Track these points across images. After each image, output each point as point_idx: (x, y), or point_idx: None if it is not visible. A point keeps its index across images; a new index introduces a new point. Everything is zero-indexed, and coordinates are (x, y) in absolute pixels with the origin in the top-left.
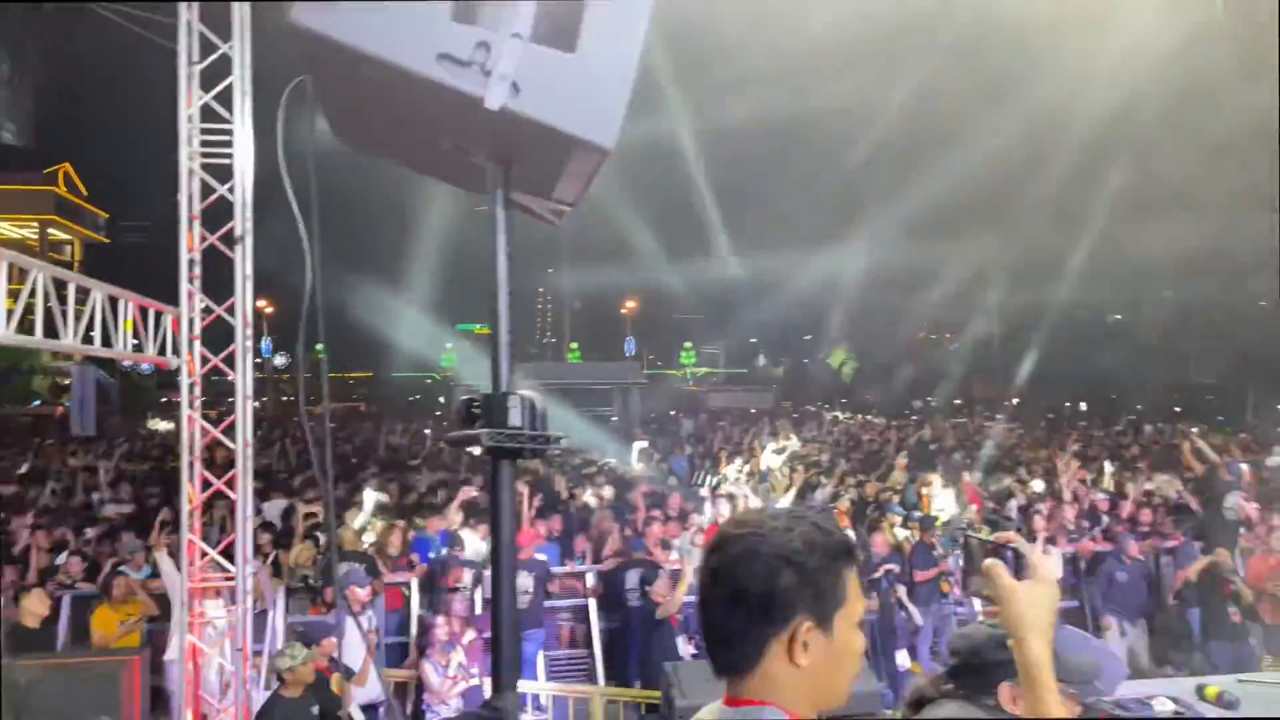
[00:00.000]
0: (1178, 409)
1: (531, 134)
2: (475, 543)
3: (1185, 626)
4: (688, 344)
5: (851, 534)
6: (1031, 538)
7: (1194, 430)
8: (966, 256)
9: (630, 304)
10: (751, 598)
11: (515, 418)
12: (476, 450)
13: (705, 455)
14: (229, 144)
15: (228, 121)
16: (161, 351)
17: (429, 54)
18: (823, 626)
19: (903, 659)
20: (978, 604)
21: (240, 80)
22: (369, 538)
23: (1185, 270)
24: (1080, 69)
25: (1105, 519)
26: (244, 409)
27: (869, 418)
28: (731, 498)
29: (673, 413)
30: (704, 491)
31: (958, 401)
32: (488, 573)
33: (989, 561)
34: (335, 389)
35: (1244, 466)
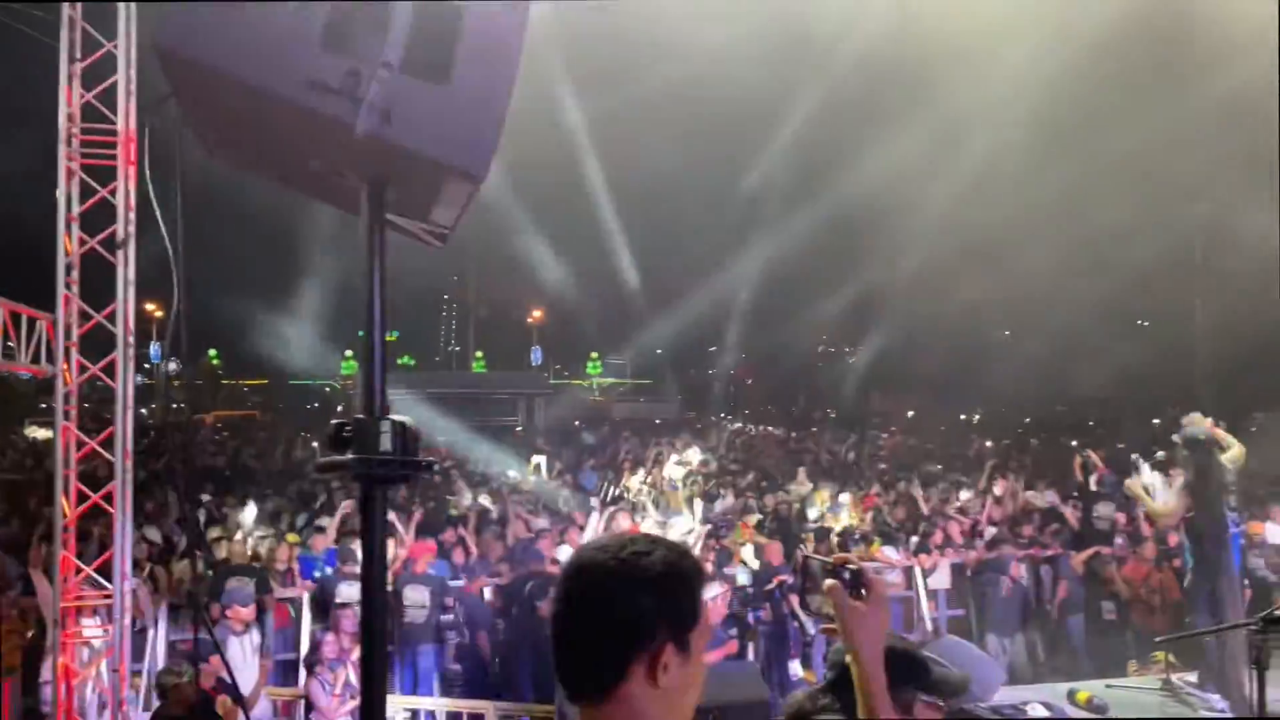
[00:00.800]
0: (1063, 423)
1: (403, 162)
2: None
3: (1064, 633)
4: (594, 354)
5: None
6: (926, 548)
7: (1073, 444)
8: (864, 271)
9: (537, 314)
10: (615, 620)
11: (386, 443)
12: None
13: (608, 466)
14: (112, 145)
15: (111, 122)
16: (35, 359)
17: (299, 80)
18: (681, 647)
19: (795, 668)
20: None
21: (125, 80)
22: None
23: (1068, 289)
24: (978, 92)
25: (991, 530)
26: (124, 420)
27: (770, 429)
28: (633, 509)
29: (576, 423)
30: (594, 502)
31: (857, 413)
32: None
33: (829, 582)
34: (229, 396)
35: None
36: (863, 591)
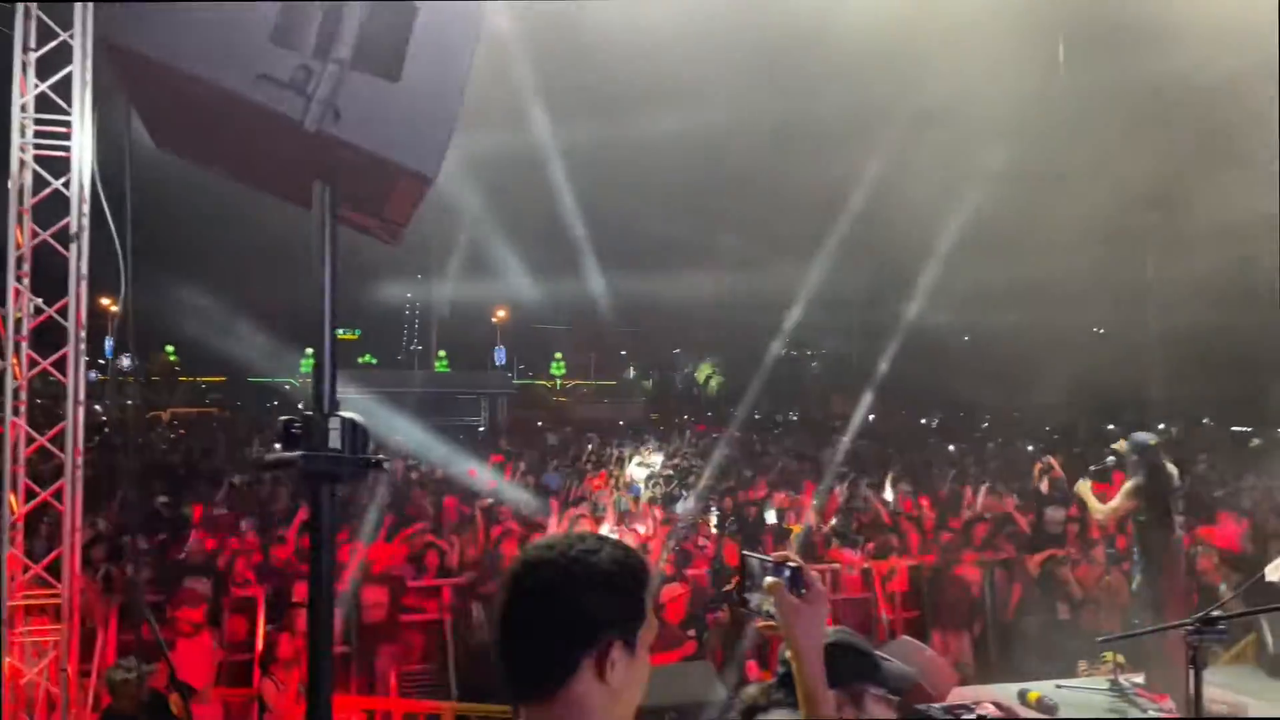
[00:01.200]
0: (1020, 428)
1: (352, 158)
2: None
3: (1018, 635)
4: (558, 354)
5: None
6: (884, 553)
7: (1029, 448)
8: (825, 276)
9: (501, 313)
10: (566, 618)
11: (335, 440)
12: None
13: (570, 467)
14: (66, 136)
15: (66, 113)
16: None
17: (248, 75)
18: (629, 645)
19: (753, 668)
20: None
21: (80, 70)
22: None
23: (1025, 296)
24: (938, 98)
25: (947, 533)
26: (75, 415)
27: (733, 431)
28: (595, 510)
29: (539, 424)
30: (553, 504)
31: (819, 416)
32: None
33: (770, 580)
34: (186, 393)
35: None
36: (802, 590)
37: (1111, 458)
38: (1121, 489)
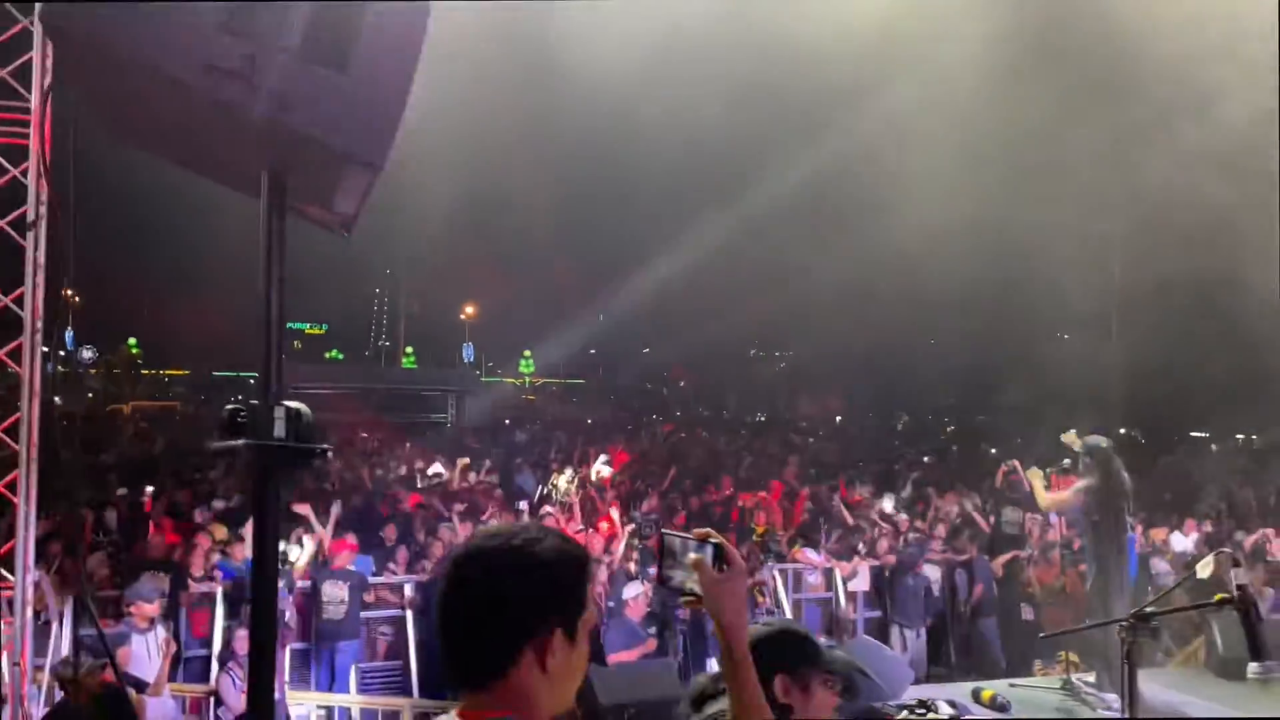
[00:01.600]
0: (983, 431)
1: (300, 148)
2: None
3: (977, 635)
4: (527, 352)
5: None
6: (847, 555)
7: (993, 451)
8: (790, 275)
9: (469, 310)
10: (510, 607)
11: (280, 429)
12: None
13: (537, 465)
14: (26, 123)
15: (25, 100)
16: None
17: (195, 63)
18: (570, 634)
19: (714, 665)
20: (788, 612)
21: (40, 57)
22: None
23: (988, 299)
24: (903, 99)
25: (910, 534)
26: (30, 406)
27: (701, 431)
28: (564, 508)
29: (506, 422)
30: (523, 505)
31: (787, 417)
32: (301, 584)
33: (694, 556)
34: (149, 386)
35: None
36: (724, 566)
37: (1067, 460)
38: (1073, 485)
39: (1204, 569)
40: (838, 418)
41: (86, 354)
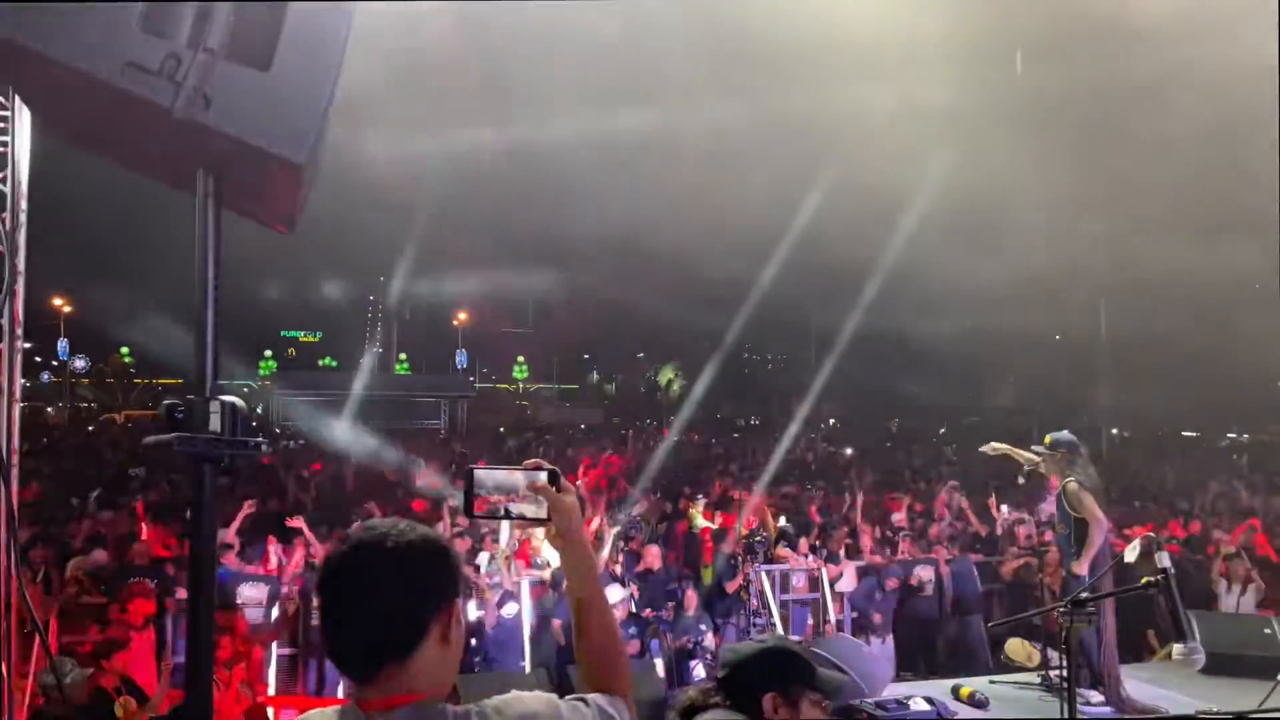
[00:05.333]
0: (978, 433)
1: (223, 145)
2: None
3: (963, 632)
4: (521, 358)
5: None
6: (833, 555)
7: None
8: (780, 278)
9: (463, 316)
10: (424, 584)
11: (215, 423)
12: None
13: None
14: (4, 130)
15: (4, 107)
16: None
17: (116, 61)
18: (462, 604)
19: (700, 672)
20: (775, 613)
21: None
22: None
23: (982, 300)
24: (889, 100)
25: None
26: (10, 414)
27: (694, 435)
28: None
29: (499, 429)
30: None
31: (780, 419)
32: (284, 589)
33: (538, 483)
34: (143, 395)
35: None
36: (559, 487)
37: (1029, 467)
38: (1078, 498)
39: (1131, 553)
40: (831, 420)
41: (79, 363)
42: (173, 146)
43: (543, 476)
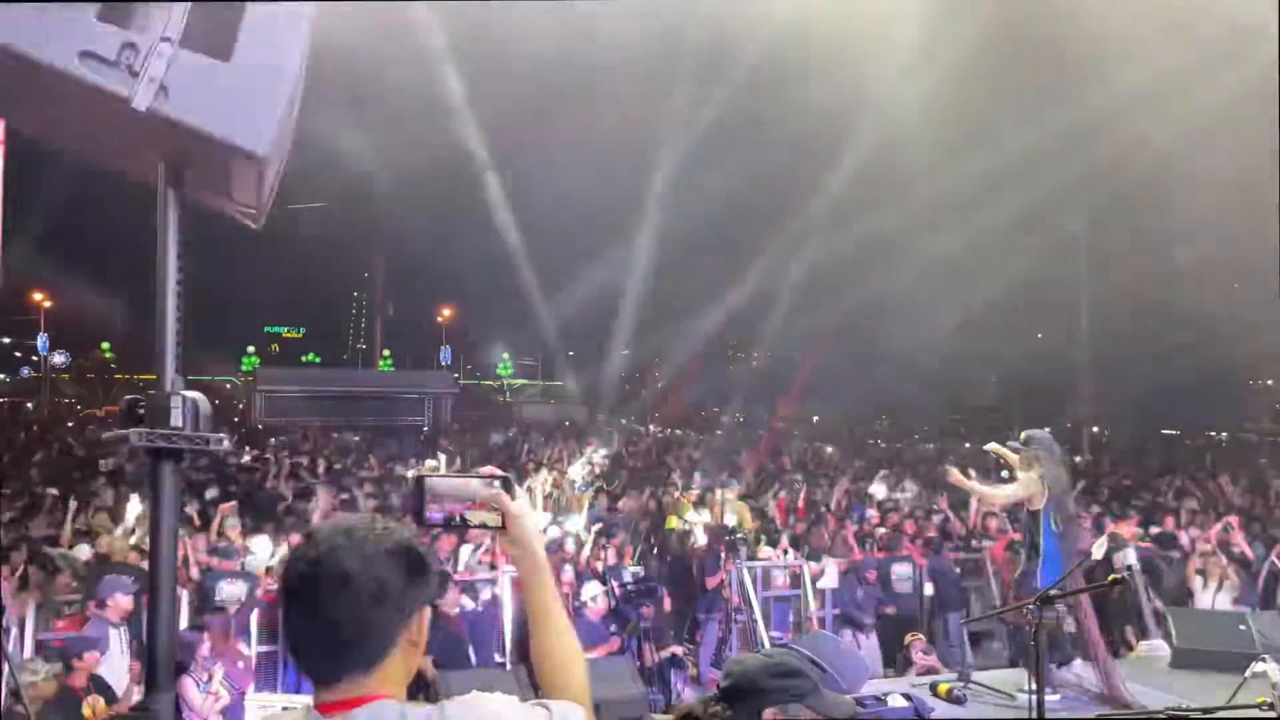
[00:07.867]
0: (957, 431)
1: (183, 136)
2: (263, 547)
3: (944, 630)
4: (505, 354)
5: None
6: (817, 556)
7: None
8: (760, 275)
9: (446, 312)
10: (397, 594)
11: (176, 419)
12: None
13: (510, 467)
14: None
15: None
16: None
17: (71, 51)
18: (429, 603)
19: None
20: (757, 610)
21: None
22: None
23: (959, 298)
24: (864, 93)
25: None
26: None
27: (676, 431)
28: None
29: (483, 424)
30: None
31: (764, 417)
32: (268, 584)
33: (493, 492)
34: (124, 391)
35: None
36: (515, 495)
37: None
38: (1024, 478)
39: (1099, 550)
40: (814, 417)
41: (59, 359)
42: (132, 138)
43: (496, 485)
